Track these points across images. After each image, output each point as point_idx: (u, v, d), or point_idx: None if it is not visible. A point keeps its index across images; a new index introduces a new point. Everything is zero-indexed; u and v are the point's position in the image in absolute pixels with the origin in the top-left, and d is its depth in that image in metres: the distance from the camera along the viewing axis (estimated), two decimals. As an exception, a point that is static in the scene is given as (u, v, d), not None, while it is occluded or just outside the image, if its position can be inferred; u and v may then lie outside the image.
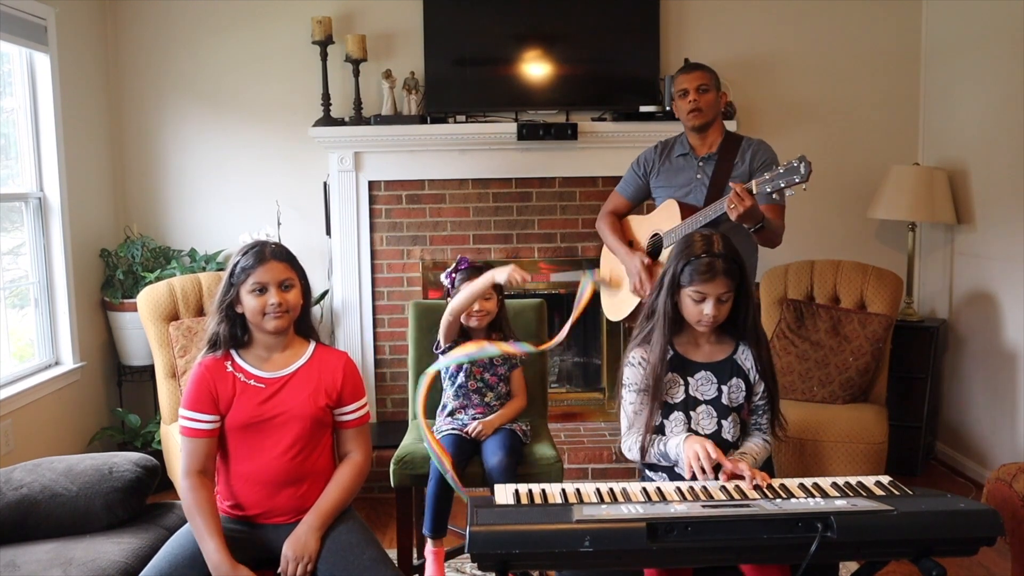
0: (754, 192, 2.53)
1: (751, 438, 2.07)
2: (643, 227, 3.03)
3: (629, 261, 2.95)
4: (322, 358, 2.14)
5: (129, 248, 3.96)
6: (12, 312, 3.57)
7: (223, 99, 4.18)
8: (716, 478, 1.84)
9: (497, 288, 2.60)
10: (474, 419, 2.61)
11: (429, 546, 2.52)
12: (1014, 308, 3.60)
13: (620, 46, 4.06)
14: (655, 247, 2.93)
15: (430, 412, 2.82)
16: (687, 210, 2.82)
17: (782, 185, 2.47)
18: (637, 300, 2.91)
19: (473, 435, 2.55)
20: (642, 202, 3.17)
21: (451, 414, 2.66)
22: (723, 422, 2.03)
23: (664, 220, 2.91)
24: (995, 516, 1.58)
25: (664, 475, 2.04)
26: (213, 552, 1.92)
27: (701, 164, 2.92)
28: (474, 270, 2.66)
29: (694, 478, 1.87)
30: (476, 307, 2.59)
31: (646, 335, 2.07)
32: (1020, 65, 3.48)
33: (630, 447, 2.06)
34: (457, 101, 4.06)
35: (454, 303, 2.56)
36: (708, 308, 1.98)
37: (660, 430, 2.04)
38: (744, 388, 2.05)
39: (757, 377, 2.06)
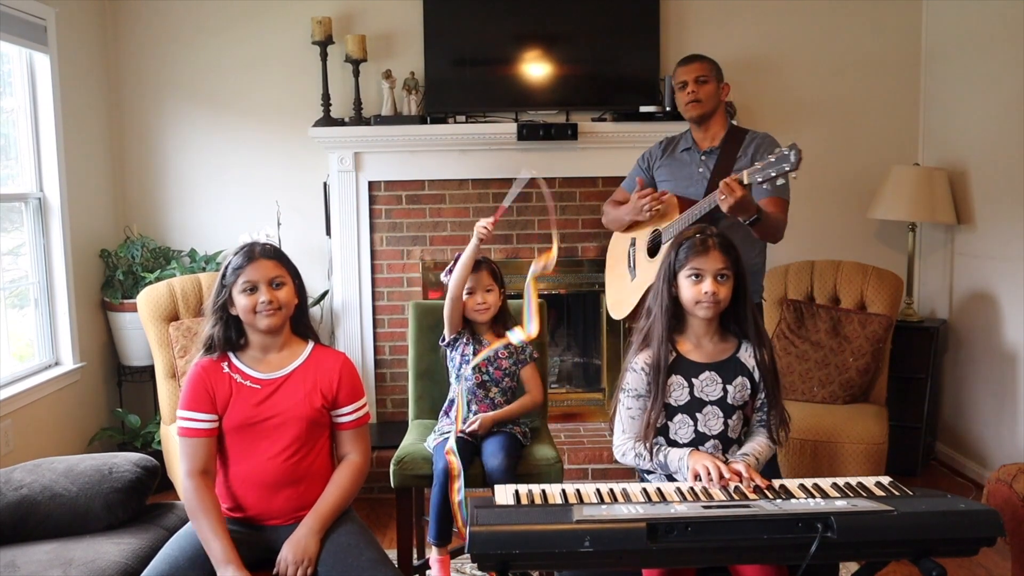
0: (745, 182, 2.44)
1: (755, 436, 2.06)
2: (646, 226, 3.03)
3: (632, 205, 2.90)
4: (319, 359, 2.13)
5: (129, 248, 3.96)
6: (12, 312, 3.57)
7: (223, 99, 4.18)
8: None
9: (498, 281, 2.63)
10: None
11: (434, 554, 2.50)
12: (1014, 308, 3.60)
13: (620, 46, 4.06)
14: (655, 242, 2.93)
15: (431, 412, 2.82)
16: (684, 204, 2.79)
17: (773, 174, 2.38)
18: (639, 296, 2.89)
19: (468, 431, 2.52)
20: None
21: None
22: (729, 421, 2.04)
23: (663, 216, 2.89)
24: (995, 516, 1.58)
25: (662, 475, 2.04)
26: (220, 555, 1.90)
27: (703, 158, 2.88)
28: None
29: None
30: (478, 300, 2.60)
31: (646, 336, 2.07)
32: (1020, 66, 3.48)
33: (624, 452, 2.05)
34: (457, 101, 4.06)
35: (450, 285, 2.58)
36: (707, 285, 1.97)
37: (663, 432, 2.04)
38: (748, 386, 2.05)
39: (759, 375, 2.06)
